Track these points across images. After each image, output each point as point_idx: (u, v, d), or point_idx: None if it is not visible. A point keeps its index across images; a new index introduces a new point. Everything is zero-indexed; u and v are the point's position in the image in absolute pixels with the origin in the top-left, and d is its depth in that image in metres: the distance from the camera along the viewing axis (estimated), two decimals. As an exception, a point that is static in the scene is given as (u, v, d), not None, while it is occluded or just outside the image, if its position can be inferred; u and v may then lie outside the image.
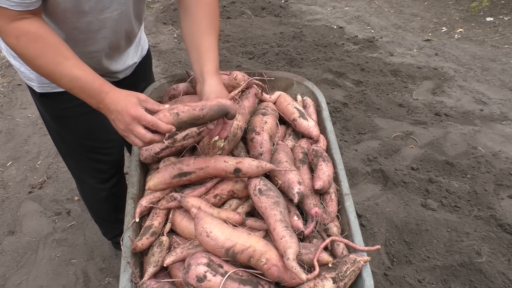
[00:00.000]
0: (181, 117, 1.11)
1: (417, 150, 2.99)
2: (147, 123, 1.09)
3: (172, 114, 1.11)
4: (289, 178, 1.26)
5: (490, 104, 3.55)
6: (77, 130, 1.55)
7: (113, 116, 1.13)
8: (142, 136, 1.10)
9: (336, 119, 3.30)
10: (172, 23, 5.01)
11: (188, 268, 1.03)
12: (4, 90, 3.77)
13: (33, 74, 1.37)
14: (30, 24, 1.07)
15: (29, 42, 1.07)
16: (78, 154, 1.67)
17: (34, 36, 1.07)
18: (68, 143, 1.62)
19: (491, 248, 2.21)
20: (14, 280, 2.18)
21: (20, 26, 1.05)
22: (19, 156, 3.03)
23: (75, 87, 1.13)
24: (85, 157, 1.67)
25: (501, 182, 2.64)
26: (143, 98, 1.14)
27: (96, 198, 1.88)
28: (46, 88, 1.40)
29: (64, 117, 1.50)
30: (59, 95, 1.42)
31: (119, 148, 1.76)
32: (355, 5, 5.68)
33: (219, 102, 1.15)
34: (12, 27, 1.05)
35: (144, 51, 1.73)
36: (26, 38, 1.06)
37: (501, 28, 4.86)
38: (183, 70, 3.94)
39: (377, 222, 2.38)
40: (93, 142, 1.61)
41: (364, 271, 1.12)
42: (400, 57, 4.34)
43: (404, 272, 2.12)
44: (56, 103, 1.46)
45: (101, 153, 1.66)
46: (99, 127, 1.58)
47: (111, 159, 1.72)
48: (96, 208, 1.97)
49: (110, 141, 1.67)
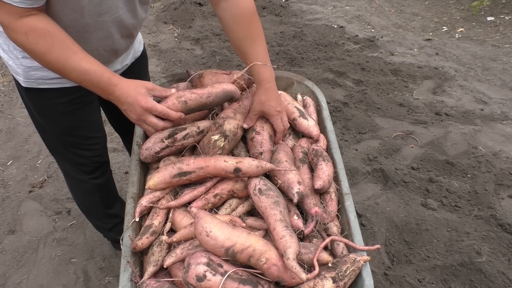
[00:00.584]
0: (189, 104, 1.21)
1: (417, 150, 2.99)
2: (158, 113, 1.20)
3: (180, 102, 1.20)
4: (289, 178, 1.26)
5: (490, 103, 3.55)
6: (59, 126, 1.56)
7: (125, 107, 1.22)
8: (154, 125, 1.22)
9: (337, 118, 3.30)
10: (173, 22, 5.01)
11: (188, 268, 1.03)
12: (4, 89, 3.77)
13: (19, 69, 1.37)
14: (37, 20, 1.09)
15: (38, 38, 1.10)
16: (59, 148, 1.67)
17: (42, 32, 1.10)
18: (50, 136, 1.63)
19: (491, 248, 2.21)
20: (14, 279, 2.18)
21: (28, 23, 1.08)
22: (20, 155, 3.03)
23: (85, 80, 1.18)
24: (67, 151, 1.67)
25: (502, 182, 2.64)
26: (150, 87, 1.22)
27: (82, 189, 1.88)
28: (31, 83, 1.41)
29: (47, 112, 1.51)
30: (43, 92, 1.43)
31: (102, 145, 1.76)
32: (355, 4, 5.68)
33: (224, 89, 1.25)
34: (20, 23, 1.07)
35: (137, 53, 1.73)
36: (35, 34, 1.09)
37: (502, 27, 4.86)
38: (183, 69, 3.94)
39: (377, 221, 2.38)
40: (74, 138, 1.61)
41: (364, 270, 1.12)
42: (401, 56, 4.33)
43: (404, 272, 2.12)
44: (40, 99, 1.46)
45: (82, 148, 1.67)
46: (80, 126, 1.58)
47: (92, 154, 1.72)
48: (84, 200, 1.97)
49: (92, 138, 1.67)
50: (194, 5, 5.30)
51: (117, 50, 1.46)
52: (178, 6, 5.26)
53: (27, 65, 1.36)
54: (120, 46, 1.45)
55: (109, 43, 1.37)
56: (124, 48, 1.50)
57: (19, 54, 1.34)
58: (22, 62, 1.36)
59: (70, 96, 1.47)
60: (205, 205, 1.28)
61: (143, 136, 1.52)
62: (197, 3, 5.37)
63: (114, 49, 1.44)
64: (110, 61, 1.50)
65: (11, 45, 1.34)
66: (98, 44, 1.34)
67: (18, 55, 1.35)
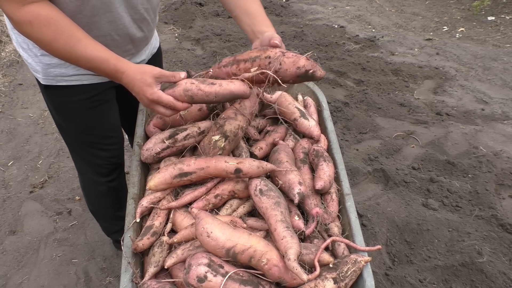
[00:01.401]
0: (195, 99, 1.21)
1: (418, 150, 2.98)
2: (165, 104, 1.20)
3: (187, 96, 1.19)
4: (290, 179, 1.26)
5: (491, 103, 3.54)
6: (77, 124, 1.57)
7: (134, 94, 1.24)
8: (163, 113, 1.22)
9: (337, 118, 3.29)
10: (173, 22, 5.01)
11: (188, 269, 1.03)
12: (5, 89, 3.77)
13: (39, 66, 1.39)
14: (40, 8, 1.09)
15: (42, 26, 1.09)
16: (78, 147, 1.69)
17: (46, 19, 1.09)
18: (69, 135, 1.65)
19: (492, 248, 2.21)
20: (15, 280, 2.18)
21: (31, 11, 1.08)
22: (20, 155, 3.03)
23: (92, 67, 1.19)
24: (84, 151, 1.68)
25: (503, 182, 2.64)
26: (157, 74, 1.19)
27: (95, 191, 1.89)
28: (50, 81, 1.42)
29: (66, 110, 1.52)
30: (62, 89, 1.44)
31: (118, 145, 1.76)
32: (356, 4, 5.67)
33: (232, 91, 1.21)
34: (24, 11, 1.07)
35: (154, 49, 1.74)
36: (38, 22, 1.09)
37: (503, 27, 4.85)
38: (184, 69, 3.94)
39: (378, 222, 2.38)
40: (92, 137, 1.62)
41: (365, 271, 1.12)
42: (401, 56, 4.33)
43: (405, 272, 2.12)
44: (59, 96, 1.47)
45: (99, 148, 1.67)
46: (98, 124, 1.59)
47: (109, 155, 1.72)
48: (95, 202, 1.98)
49: (109, 138, 1.67)
50: (194, 5, 5.30)
51: (131, 36, 1.42)
52: (179, 6, 5.26)
53: (46, 62, 1.37)
54: (133, 31, 1.42)
55: (121, 26, 1.35)
56: (140, 36, 1.47)
57: (38, 52, 1.35)
58: (41, 60, 1.37)
59: (88, 93, 1.48)
60: (206, 206, 1.28)
61: (144, 137, 1.52)
62: (198, 4, 5.37)
63: (128, 34, 1.40)
64: (128, 50, 1.48)
65: (30, 43, 1.35)
66: (109, 28, 1.32)
67: (37, 52, 1.36)
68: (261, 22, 1.41)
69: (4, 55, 4.21)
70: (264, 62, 1.23)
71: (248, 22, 1.42)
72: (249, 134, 1.57)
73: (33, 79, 3.91)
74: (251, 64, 1.25)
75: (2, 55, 4.20)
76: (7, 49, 4.30)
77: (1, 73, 3.99)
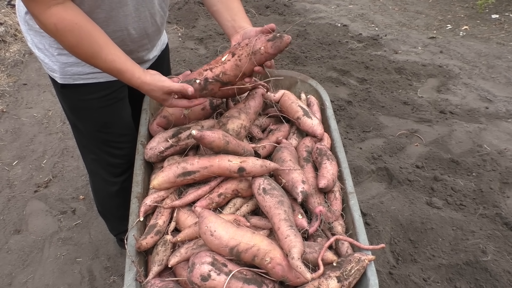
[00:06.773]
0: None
1: (422, 148, 2.97)
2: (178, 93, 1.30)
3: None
4: (293, 177, 1.26)
5: (495, 101, 3.53)
6: (92, 122, 1.58)
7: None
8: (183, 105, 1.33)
9: (341, 117, 3.29)
10: (177, 22, 5.01)
11: (192, 267, 1.03)
12: (10, 89, 3.79)
13: (56, 66, 1.40)
14: (65, 11, 1.11)
15: (66, 31, 1.12)
16: (92, 146, 1.70)
17: (70, 23, 1.12)
18: (83, 134, 1.66)
19: (496, 247, 2.20)
20: (20, 279, 2.19)
21: (56, 13, 1.09)
22: (25, 155, 3.05)
23: (112, 74, 1.26)
24: (99, 150, 1.69)
25: (507, 180, 2.63)
26: (167, 92, 1.28)
27: (107, 192, 1.90)
28: (67, 79, 1.43)
29: (82, 108, 1.54)
30: (79, 87, 1.46)
31: (132, 143, 1.77)
32: (359, 3, 5.66)
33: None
34: (49, 13, 1.09)
35: (163, 45, 1.76)
36: (63, 26, 1.11)
37: (507, 25, 4.83)
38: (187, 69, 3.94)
39: (382, 220, 2.37)
40: (107, 135, 1.63)
41: (368, 270, 1.12)
42: (405, 54, 4.32)
43: (409, 271, 2.11)
44: (75, 94, 1.49)
45: (114, 147, 1.68)
46: (113, 122, 1.61)
47: (123, 154, 1.73)
48: (105, 202, 1.98)
49: (124, 136, 1.68)
50: (197, 4, 5.30)
51: (146, 30, 1.44)
52: (182, 6, 5.27)
53: (63, 61, 1.39)
54: (148, 25, 1.43)
55: (136, 19, 1.36)
56: (154, 30, 1.49)
57: (55, 51, 1.37)
58: (58, 59, 1.38)
59: (104, 91, 1.50)
60: (209, 205, 1.28)
61: (147, 136, 1.52)
62: (201, 3, 5.36)
63: (144, 28, 1.42)
64: (144, 45, 1.50)
65: (46, 44, 1.37)
66: (125, 22, 1.34)
67: (53, 52, 1.38)
68: (242, 19, 1.47)
69: (9, 55, 4.23)
70: (239, 49, 1.28)
71: (228, 18, 1.47)
72: (252, 132, 1.57)
73: (37, 79, 3.92)
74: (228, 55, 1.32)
75: (7, 55, 4.22)
76: (11, 50, 4.32)
77: (5, 73, 4.01)
